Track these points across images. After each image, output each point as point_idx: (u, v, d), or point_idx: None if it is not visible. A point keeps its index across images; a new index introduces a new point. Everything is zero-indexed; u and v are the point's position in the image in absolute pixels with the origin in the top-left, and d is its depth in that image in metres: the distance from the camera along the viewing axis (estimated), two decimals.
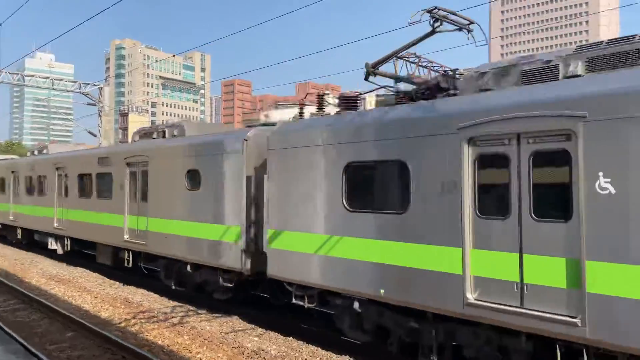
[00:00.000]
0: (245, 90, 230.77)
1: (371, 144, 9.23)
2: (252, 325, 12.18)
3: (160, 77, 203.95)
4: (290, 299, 11.35)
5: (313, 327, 11.88)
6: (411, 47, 10.71)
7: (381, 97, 11.01)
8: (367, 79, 11.13)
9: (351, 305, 9.81)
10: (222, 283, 12.91)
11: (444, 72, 10.51)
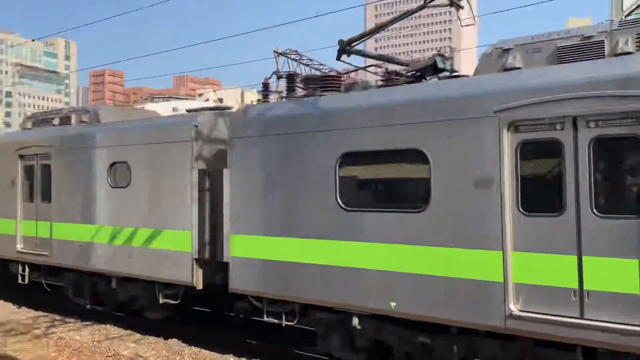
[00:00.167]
0: (117, 80, 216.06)
1: (375, 130, 7.78)
2: (129, 331, 11.36)
3: (17, 65, 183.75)
4: (253, 315, 9.63)
5: (193, 329, 11.33)
6: (397, 22, 9.55)
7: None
8: (340, 59, 9.77)
9: (346, 320, 8.30)
10: (162, 300, 10.67)
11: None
